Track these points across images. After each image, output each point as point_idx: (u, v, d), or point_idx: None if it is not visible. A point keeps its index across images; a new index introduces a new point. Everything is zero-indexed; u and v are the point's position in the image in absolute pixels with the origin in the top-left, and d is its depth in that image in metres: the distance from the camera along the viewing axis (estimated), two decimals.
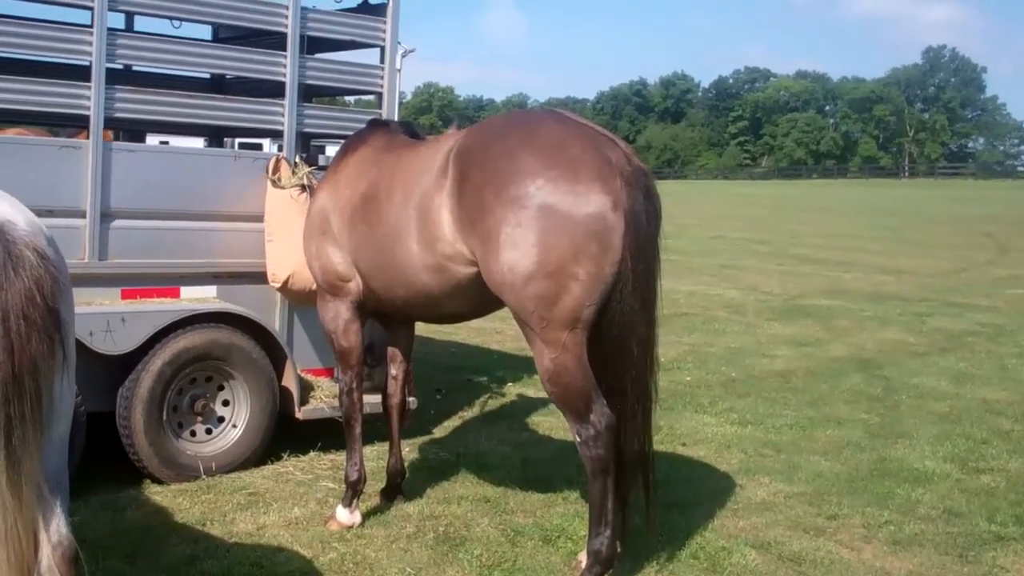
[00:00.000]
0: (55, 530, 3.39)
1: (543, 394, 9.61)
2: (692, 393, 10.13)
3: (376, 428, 7.50)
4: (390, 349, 6.83)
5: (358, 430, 6.49)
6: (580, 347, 5.17)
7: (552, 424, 8.75)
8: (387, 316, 6.58)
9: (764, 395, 10.12)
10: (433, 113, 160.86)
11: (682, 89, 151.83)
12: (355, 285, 6.31)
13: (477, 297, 5.61)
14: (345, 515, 6.34)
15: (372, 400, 7.44)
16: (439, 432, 8.55)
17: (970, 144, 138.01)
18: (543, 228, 5.03)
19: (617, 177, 5.07)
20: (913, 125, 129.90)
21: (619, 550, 5.42)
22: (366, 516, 6.45)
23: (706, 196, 61.43)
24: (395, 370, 6.80)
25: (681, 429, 8.68)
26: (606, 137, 5.30)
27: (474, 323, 13.37)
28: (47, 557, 3.35)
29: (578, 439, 5.25)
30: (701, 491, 7.02)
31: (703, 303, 16.97)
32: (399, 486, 6.82)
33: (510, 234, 5.09)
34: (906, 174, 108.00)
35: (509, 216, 5.10)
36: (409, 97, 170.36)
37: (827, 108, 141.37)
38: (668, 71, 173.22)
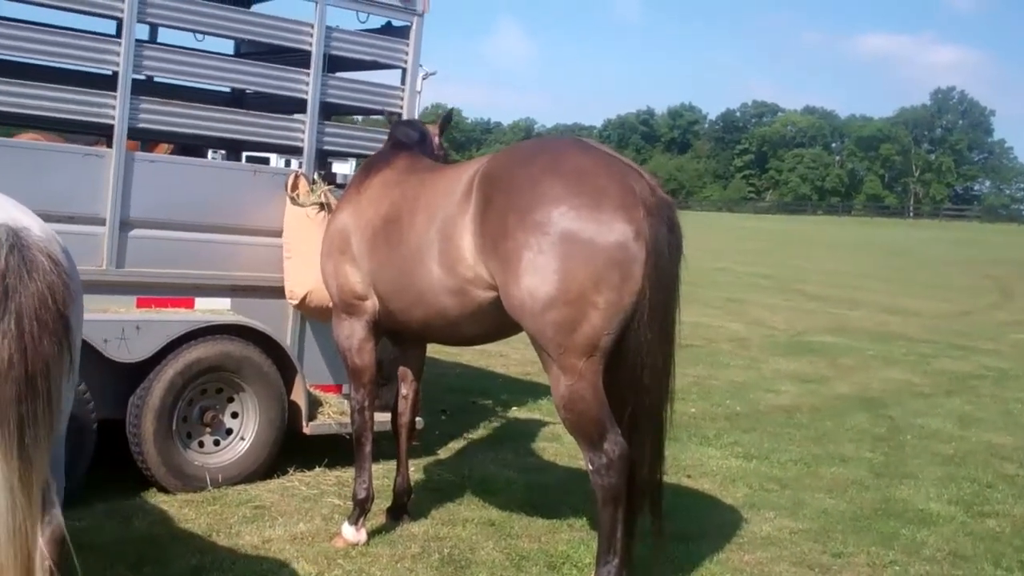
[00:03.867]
0: (49, 517, 3.44)
1: (548, 419, 9.69)
2: (697, 425, 10.17)
3: (381, 447, 7.52)
4: (402, 368, 6.87)
5: (368, 448, 6.52)
6: (596, 375, 5.21)
7: (557, 450, 8.79)
8: (401, 336, 6.63)
9: (769, 430, 10.15)
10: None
11: (689, 120, 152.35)
12: (371, 304, 6.36)
13: (495, 321, 5.66)
14: (351, 532, 6.36)
15: (380, 419, 7.46)
16: (444, 453, 8.59)
17: (976, 187, 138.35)
18: (565, 255, 5.08)
19: (640, 207, 5.12)
20: (919, 165, 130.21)
21: None
22: (371, 534, 6.47)
23: (710, 228, 61.35)
24: (406, 390, 6.84)
25: (686, 461, 8.71)
26: (631, 167, 5.36)
27: (479, 347, 13.41)
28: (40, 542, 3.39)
29: (590, 467, 5.27)
30: (707, 524, 7.04)
31: (707, 335, 17.03)
32: (405, 506, 6.85)
33: (532, 259, 5.14)
34: (911, 214, 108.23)
35: (531, 241, 5.15)
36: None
37: (834, 145, 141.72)
38: (676, 101, 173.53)
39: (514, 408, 10.50)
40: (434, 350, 11.43)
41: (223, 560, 5.88)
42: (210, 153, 10.61)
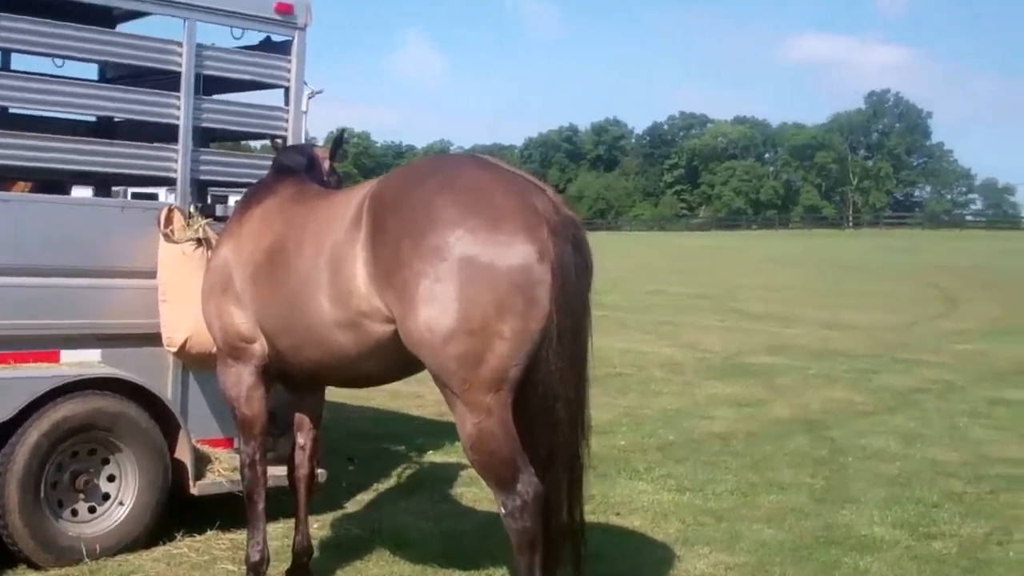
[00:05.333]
0: None
1: (466, 462, 9.51)
2: (627, 458, 10.08)
3: (280, 503, 7.33)
4: (297, 416, 6.67)
5: (261, 506, 6.32)
6: (505, 410, 5.08)
7: (476, 495, 8.63)
8: (295, 381, 6.44)
9: (703, 459, 10.10)
10: (349, 161, 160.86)
11: (615, 136, 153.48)
12: (259, 347, 6.17)
13: (395, 358, 5.48)
14: None
15: (277, 472, 7.22)
16: (352, 506, 8.38)
17: (916, 192, 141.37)
18: (464, 281, 4.95)
19: (543, 227, 5.01)
20: (857, 173, 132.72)
21: None
22: None
23: (642, 247, 62.02)
24: (303, 439, 6.64)
25: (615, 497, 8.61)
26: (533, 184, 5.25)
27: (391, 386, 13.18)
28: None
29: (503, 511, 5.13)
30: (638, 564, 6.95)
31: (638, 362, 17.00)
32: (306, 566, 6.64)
33: (429, 288, 5.01)
34: (850, 224, 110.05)
35: (427, 269, 5.01)
36: (320, 143, 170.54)
37: (767, 155, 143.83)
38: (600, 117, 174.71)
39: (429, 452, 10.34)
40: (342, 394, 11.26)
41: None
42: (75, 190, 10.30)
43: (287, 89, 8.05)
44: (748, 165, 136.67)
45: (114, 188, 10.04)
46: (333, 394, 7.25)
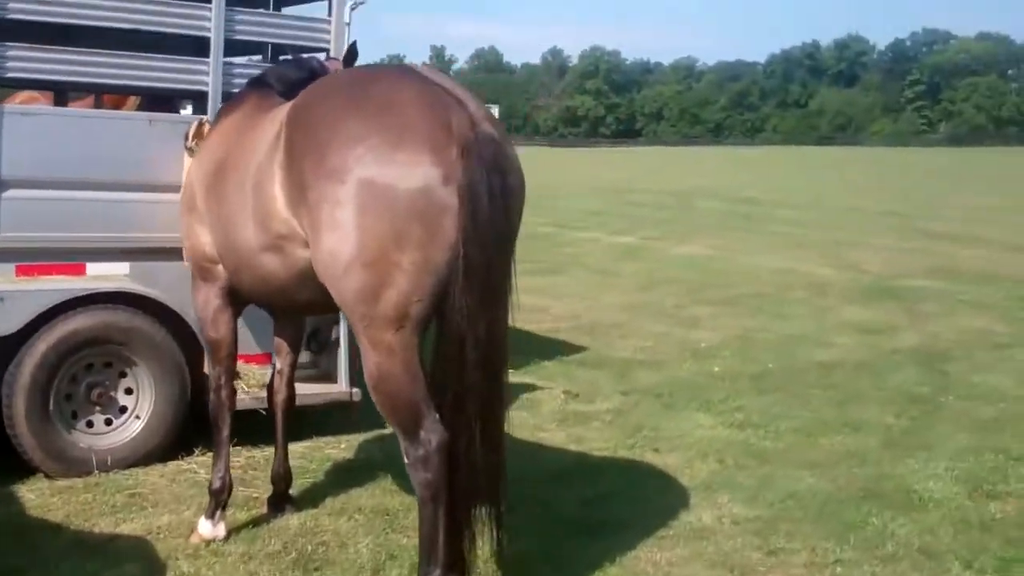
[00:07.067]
0: None
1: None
2: (708, 387, 9.05)
3: (339, 419, 7.03)
4: (275, 340, 6.07)
5: (226, 432, 5.73)
6: (409, 350, 4.31)
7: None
8: (263, 305, 5.82)
9: (790, 391, 8.94)
10: (599, 77, 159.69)
11: (856, 51, 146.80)
12: (222, 269, 5.55)
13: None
14: (207, 527, 5.62)
15: (318, 390, 7.07)
16: (376, 429, 7.51)
17: None
18: (361, 207, 4.18)
19: (452, 145, 4.16)
20: None
21: None
22: (241, 528, 5.76)
23: (876, 165, 58.44)
24: (280, 363, 6.05)
25: (666, 431, 7.66)
26: (454, 98, 4.35)
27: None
28: None
29: (406, 459, 4.40)
30: (636, 512, 6.03)
31: (786, 281, 15.59)
32: (285, 494, 6.08)
33: (330, 213, 4.27)
34: None
35: (328, 192, 4.27)
36: (575, 61, 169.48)
37: (1010, 72, 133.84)
38: (842, 33, 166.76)
39: None
40: None
41: (49, 559, 5.24)
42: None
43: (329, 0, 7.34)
44: (990, 81, 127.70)
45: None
46: None
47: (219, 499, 5.66)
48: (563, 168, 55.92)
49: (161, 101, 8.93)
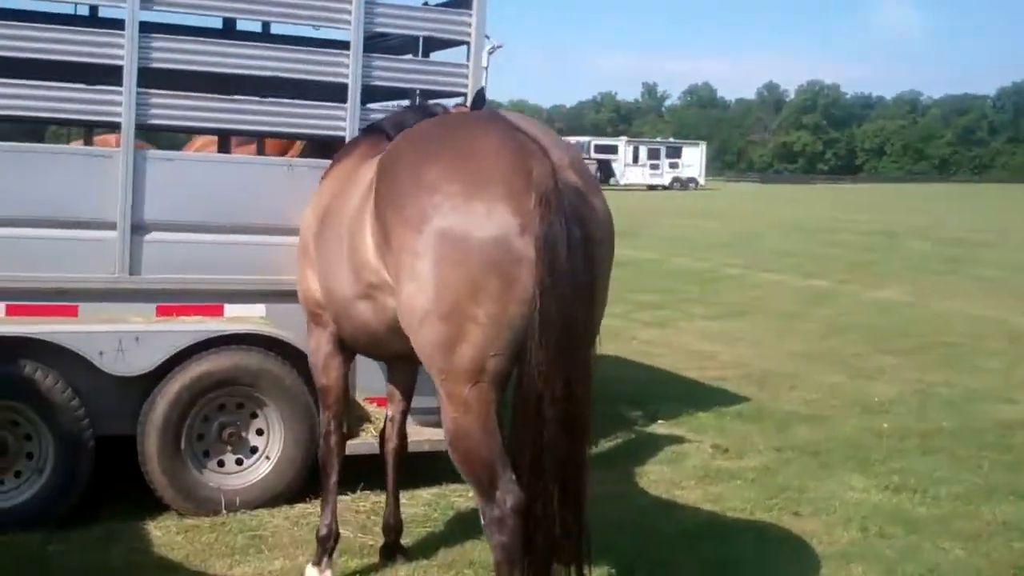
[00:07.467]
0: None
1: (632, 438, 8.36)
2: (871, 446, 8.46)
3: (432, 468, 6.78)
4: (388, 388, 6.00)
5: (334, 479, 5.67)
6: (486, 406, 4.13)
7: (661, 478, 7.50)
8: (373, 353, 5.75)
9: (959, 453, 8.27)
10: (817, 112, 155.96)
11: None
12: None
13: None
14: (314, 574, 5.58)
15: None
16: None
17: None
18: (437, 257, 4.05)
19: (530, 194, 3.98)
20: None
21: None
22: (356, 574, 5.72)
23: None
24: (392, 411, 5.96)
25: (812, 493, 7.18)
26: (538, 146, 4.17)
27: (686, 340, 12.23)
28: None
29: (483, 520, 4.20)
30: None
31: (981, 331, 14.62)
32: (397, 542, 5.97)
33: (409, 263, 4.17)
34: None
35: (407, 241, 4.17)
36: (792, 95, 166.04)
37: None
38: None
39: (659, 422, 9.22)
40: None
41: None
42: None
43: (468, 44, 7.29)
44: None
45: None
46: None
47: (325, 546, 5.60)
48: (771, 205, 54.57)
49: (325, 147, 9.08)
